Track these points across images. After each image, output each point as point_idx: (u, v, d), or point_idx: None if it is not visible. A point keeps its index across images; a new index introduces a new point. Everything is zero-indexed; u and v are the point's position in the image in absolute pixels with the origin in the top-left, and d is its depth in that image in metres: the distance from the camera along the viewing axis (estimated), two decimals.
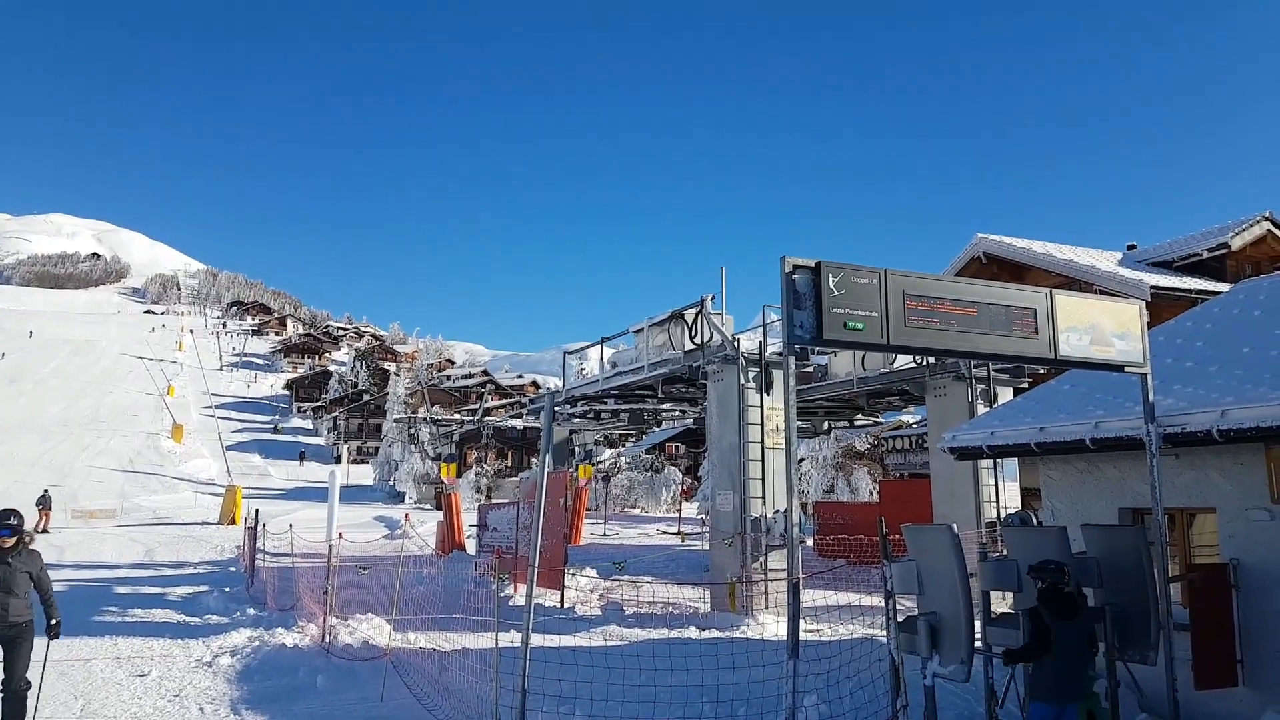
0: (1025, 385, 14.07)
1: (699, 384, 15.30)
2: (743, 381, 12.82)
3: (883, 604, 5.92)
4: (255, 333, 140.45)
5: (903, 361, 14.91)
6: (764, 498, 12.61)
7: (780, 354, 13.56)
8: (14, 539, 6.46)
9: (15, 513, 6.60)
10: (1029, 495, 14.48)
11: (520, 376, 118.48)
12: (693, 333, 13.79)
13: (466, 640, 9.90)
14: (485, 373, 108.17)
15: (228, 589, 14.55)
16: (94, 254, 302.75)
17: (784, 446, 12.61)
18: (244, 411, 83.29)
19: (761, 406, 12.87)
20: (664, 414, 20.39)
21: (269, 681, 8.48)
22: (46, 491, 33.28)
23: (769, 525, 12.41)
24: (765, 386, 12.95)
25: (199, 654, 9.61)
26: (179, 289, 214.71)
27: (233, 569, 17.94)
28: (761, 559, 12.38)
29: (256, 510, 17.92)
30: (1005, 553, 7.10)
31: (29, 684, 6.61)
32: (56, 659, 9.57)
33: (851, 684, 6.74)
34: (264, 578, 14.21)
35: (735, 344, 12.90)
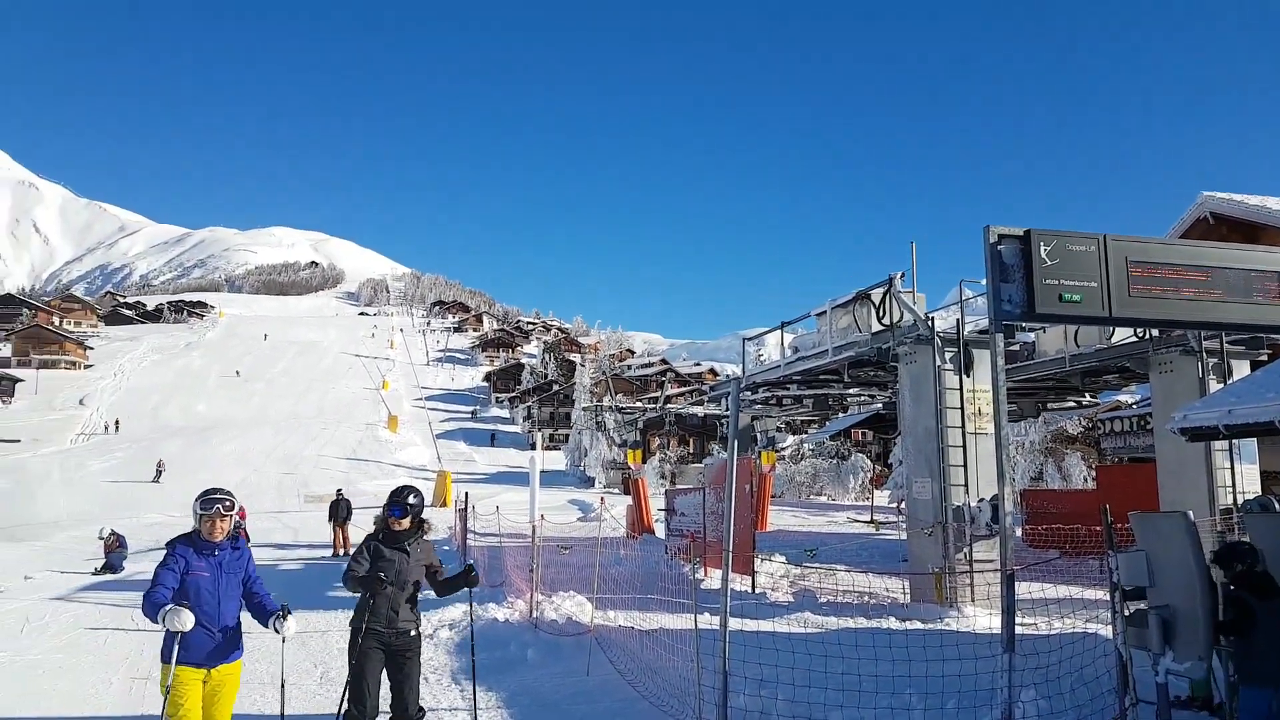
0: (1264, 358, 12.65)
1: (889, 367, 14.77)
2: (939, 363, 12.24)
3: (1103, 597, 5.51)
4: (456, 330, 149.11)
5: (1121, 335, 13.71)
6: (966, 485, 12.03)
7: (980, 333, 12.88)
8: (409, 520, 5.46)
9: (414, 490, 5.61)
10: (1270, 479, 13.06)
11: (698, 364, 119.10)
12: (881, 313, 13.31)
13: (663, 620, 10.10)
14: (664, 361, 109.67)
15: (445, 566, 15.57)
16: (312, 262, 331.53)
17: (989, 431, 11.97)
18: (449, 403, 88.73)
19: (961, 389, 12.25)
20: (850, 399, 19.89)
21: (484, 654, 8.96)
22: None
23: (973, 514, 11.83)
24: (964, 367, 12.32)
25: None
26: (388, 292, 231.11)
27: (446, 548, 19.18)
28: (965, 549, 11.83)
29: (466, 493, 19.07)
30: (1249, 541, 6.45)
31: (423, 712, 5.60)
32: (299, 630, 10.61)
33: (1071, 680, 6.36)
34: (475, 556, 15.11)
35: (929, 323, 12.34)
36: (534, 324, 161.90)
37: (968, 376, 12.29)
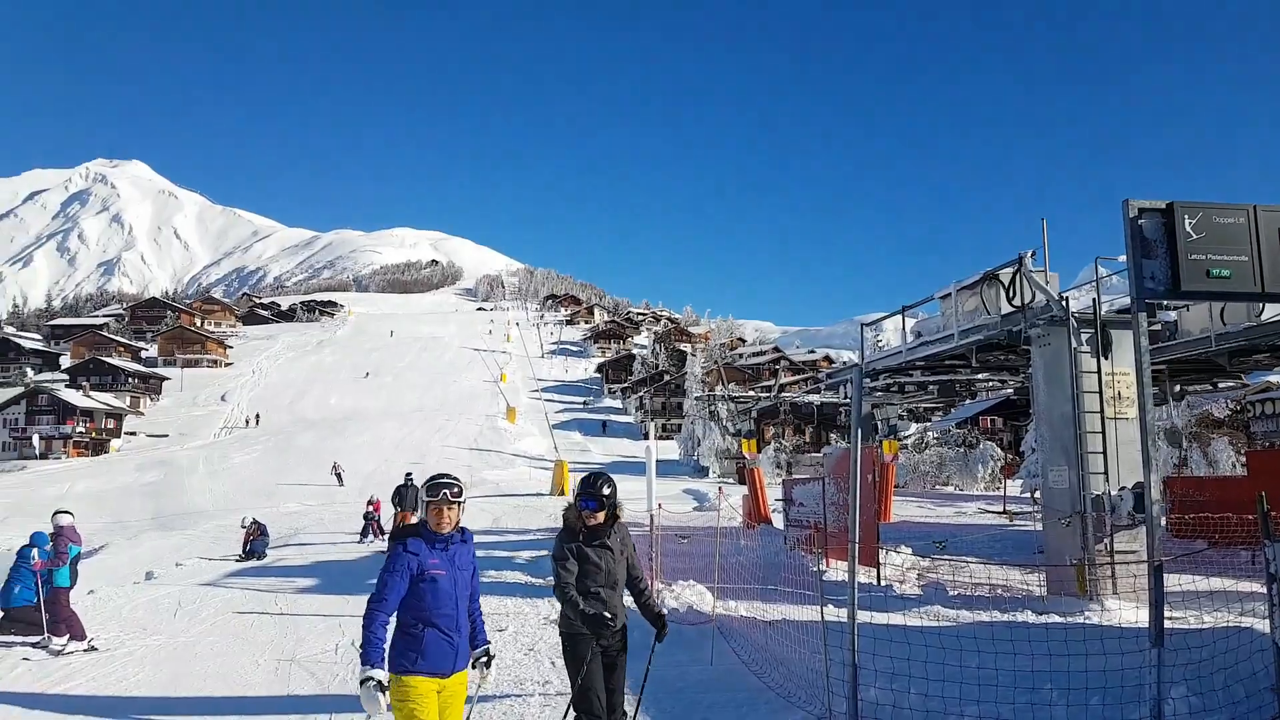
0: None
1: (1020, 350, 14.12)
2: (1074, 345, 11.61)
3: (1259, 589, 5.12)
4: (568, 322, 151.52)
5: (1272, 312, 12.72)
6: (1106, 473, 11.39)
7: (1119, 312, 12.15)
8: (605, 514, 4.97)
9: (607, 478, 5.07)
10: None
11: (812, 352, 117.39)
12: (1010, 294, 12.70)
13: (786, 611, 9.98)
14: (776, 349, 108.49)
15: None
16: (432, 261, 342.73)
17: (1130, 416, 11.32)
18: (564, 394, 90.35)
19: (1099, 372, 11.59)
20: (978, 385, 19.15)
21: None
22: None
23: (1113, 503, 11.20)
24: (1103, 349, 11.66)
25: (545, 612, 10.54)
26: (503, 287, 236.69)
27: None
28: (1106, 540, 11.21)
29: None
30: None
31: (626, 716, 5.25)
32: None
33: (1225, 676, 5.95)
34: None
35: (1063, 303, 11.71)
36: (644, 315, 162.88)
37: (1106, 359, 11.62)
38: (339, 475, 44.45)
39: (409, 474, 20.04)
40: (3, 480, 56.47)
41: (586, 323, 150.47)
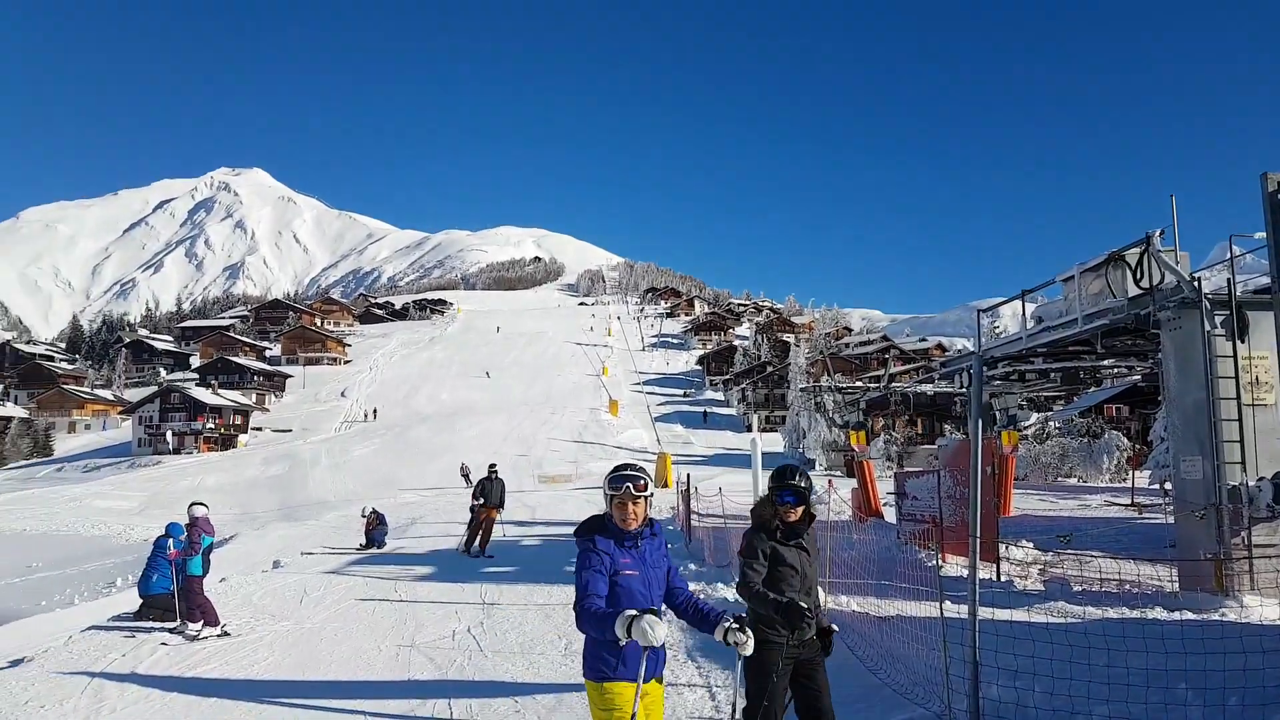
0: None
1: (1148, 335, 13.36)
2: (1208, 328, 10.92)
3: None
4: (668, 315, 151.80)
5: None
6: (1243, 463, 10.68)
7: (1256, 293, 11.38)
8: (802, 508, 4.52)
9: (800, 470, 4.62)
10: None
11: (923, 340, 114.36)
12: (1137, 276, 12.01)
13: (901, 606, 9.74)
14: (885, 338, 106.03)
15: (670, 545, 15.91)
16: (536, 257, 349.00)
17: (1269, 402, 10.60)
18: (665, 386, 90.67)
19: (1235, 356, 10.87)
20: (1103, 372, 18.25)
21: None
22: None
23: (1251, 495, 10.50)
24: (1239, 332, 10.92)
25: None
26: (604, 282, 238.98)
27: (670, 527, 19.58)
28: (1243, 533, 10.52)
29: (688, 475, 19.38)
30: None
31: None
32: (540, 602, 11.17)
33: None
34: (699, 536, 15.31)
35: (1195, 284, 11.02)
36: (745, 306, 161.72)
37: (1242, 342, 10.89)
38: (466, 476, 44.20)
39: (493, 465, 17.63)
40: (140, 474, 60.35)
41: (687, 315, 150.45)
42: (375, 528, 21.78)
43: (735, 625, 3.86)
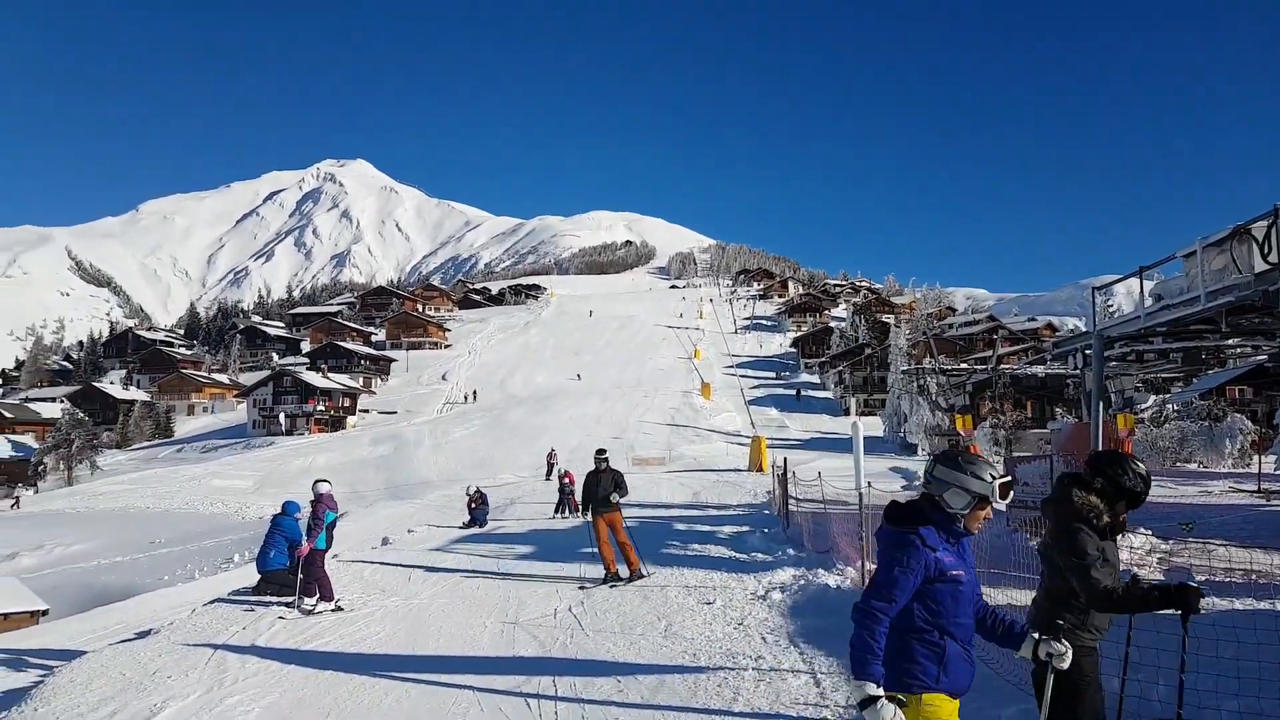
0: None
1: (1277, 313, 12.51)
2: None
3: None
4: (761, 297, 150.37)
5: None
6: None
7: None
8: (1128, 506, 4.12)
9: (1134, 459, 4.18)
10: None
11: (1032, 319, 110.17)
12: (1265, 250, 11.24)
13: (1012, 594, 9.41)
14: (991, 318, 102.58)
15: (766, 530, 15.78)
16: (627, 241, 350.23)
17: None
18: (758, 369, 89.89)
19: None
20: (1226, 352, 17.19)
21: (818, 619, 8.90)
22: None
23: None
24: None
25: (752, 588, 10.48)
26: (695, 264, 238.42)
27: (766, 512, 19.42)
28: None
29: (785, 459, 19.17)
30: None
31: None
32: (639, 584, 11.22)
33: None
34: (797, 521, 15.11)
35: None
36: (842, 286, 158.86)
37: None
38: (551, 465, 38.36)
39: (602, 452, 12.40)
40: (254, 455, 63.29)
41: (780, 297, 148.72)
42: (478, 507, 22.30)
43: (1048, 636, 3.45)
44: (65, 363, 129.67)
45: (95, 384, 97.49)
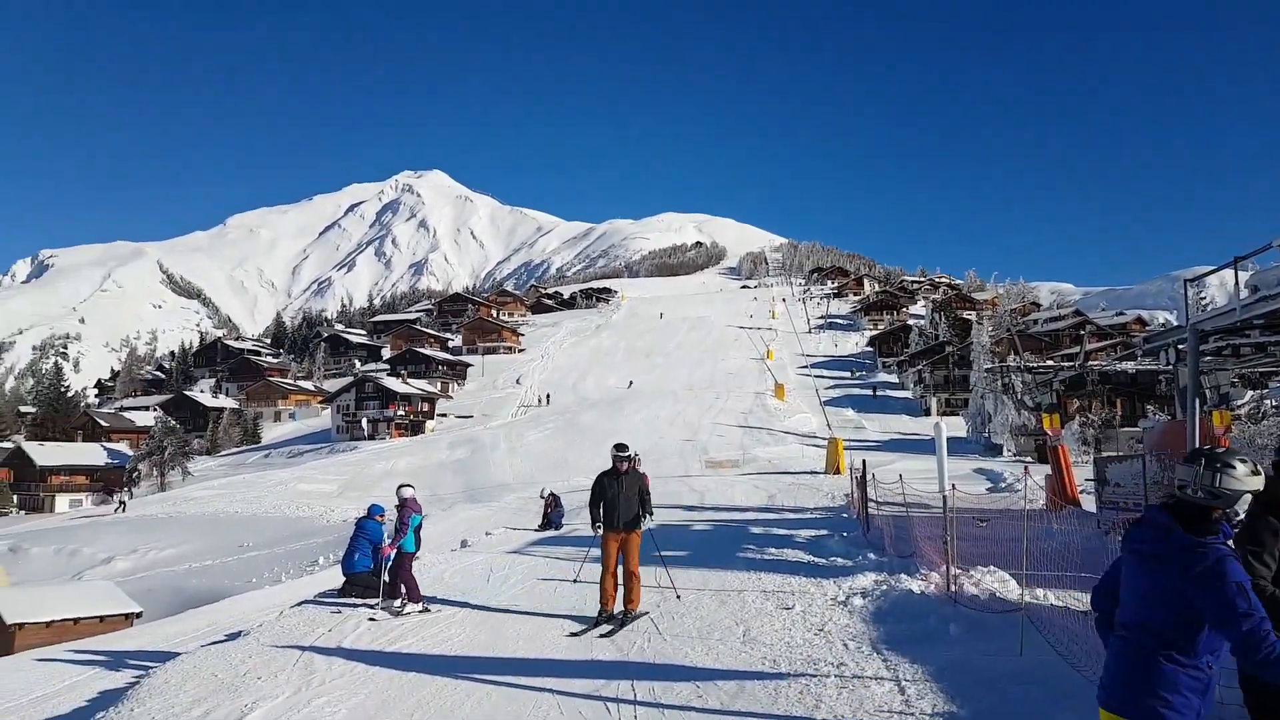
0: None
1: None
2: None
3: None
4: (836, 295, 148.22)
5: None
6: None
7: None
8: None
9: None
10: None
11: (1120, 314, 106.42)
12: None
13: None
14: (1077, 312, 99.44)
15: (845, 534, 15.48)
16: (697, 243, 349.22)
17: None
18: (834, 369, 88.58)
19: None
20: None
21: (901, 625, 8.69)
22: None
23: None
24: None
25: (832, 593, 10.29)
26: (766, 263, 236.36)
27: (845, 515, 19.09)
28: None
29: (864, 461, 18.81)
30: None
31: None
32: (715, 588, 11.12)
33: None
34: (878, 525, 14.79)
35: None
36: (920, 283, 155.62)
37: None
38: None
39: (623, 449, 9.55)
40: (338, 459, 65.01)
41: (855, 295, 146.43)
42: (553, 509, 22.47)
43: None
44: (158, 372, 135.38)
45: (186, 392, 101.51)
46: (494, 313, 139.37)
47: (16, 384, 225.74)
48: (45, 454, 70.85)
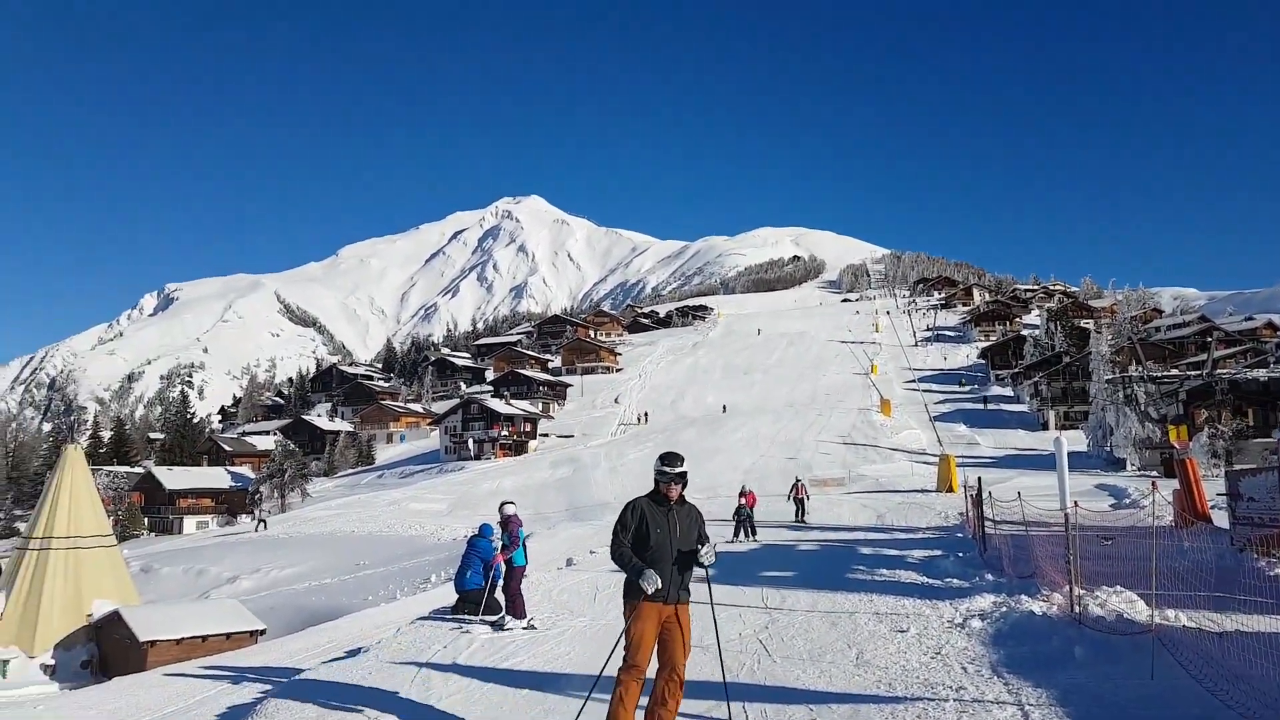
0: None
1: None
2: None
3: None
4: (943, 306, 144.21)
5: None
6: None
7: None
8: None
9: None
10: None
11: (1249, 318, 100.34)
12: None
13: (1241, 621, 8.54)
14: (1202, 318, 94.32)
15: (960, 554, 15.00)
16: (794, 256, 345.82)
17: None
18: (943, 383, 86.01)
19: None
20: None
21: (1022, 647, 8.39)
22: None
23: None
24: None
25: (948, 615, 9.98)
26: (868, 276, 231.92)
27: (960, 534, 18.49)
28: None
29: (979, 478, 18.19)
30: None
31: None
32: (825, 609, 10.93)
33: None
34: (995, 544, 14.27)
35: None
36: (1033, 291, 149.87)
37: None
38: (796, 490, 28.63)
39: (674, 463, 6.05)
40: (447, 479, 66.73)
41: (964, 305, 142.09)
42: None
43: None
44: (277, 398, 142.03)
45: (304, 417, 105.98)
46: (591, 333, 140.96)
47: (146, 411, 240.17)
48: (173, 478, 74.85)
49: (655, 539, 5.72)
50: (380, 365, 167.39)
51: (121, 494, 73.05)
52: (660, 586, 5.58)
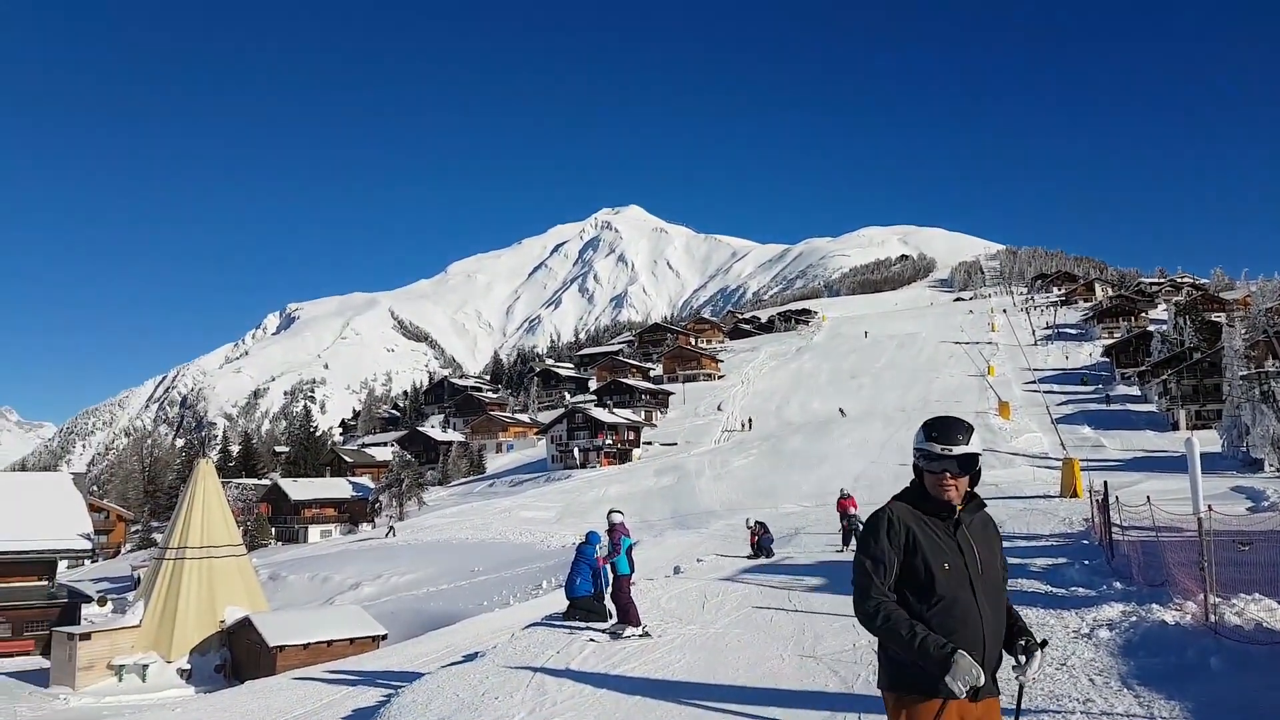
0: None
1: None
2: None
3: None
4: (1064, 303, 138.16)
5: None
6: None
7: None
8: None
9: None
10: None
11: None
12: None
13: None
14: None
15: (1086, 561, 14.35)
16: (902, 255, 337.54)
17: None
18: (1065, 384, 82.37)
19: None
20: None
21: (1154, 659, 8.00)
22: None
23: None
24: None
25: (1074, 625, 9.59)
26: (982, 273, 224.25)
27: (1085, 541, 17.66)
28: None
29: (1105, 482, 17.36)
30: None
31: None
32: None
33: None
34: (1124, 551, 13.61)
35: None
36: (1159, 285, 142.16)
37: None
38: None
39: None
40: (554, 487, 67.77)
41: (1086, 301, 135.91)
42: (762, 535, 22.39)
43: None
44: (393, 410, 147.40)
45: (419, 428, 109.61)
46: (692, 341, 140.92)
47: (271, 426, 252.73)
48: (298, 489, 78.46)
49: (944, 583, 3.21)
50: (488, 377, 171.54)
51: (250, 505, 76.94)
52: (979, 680, 3.03)
